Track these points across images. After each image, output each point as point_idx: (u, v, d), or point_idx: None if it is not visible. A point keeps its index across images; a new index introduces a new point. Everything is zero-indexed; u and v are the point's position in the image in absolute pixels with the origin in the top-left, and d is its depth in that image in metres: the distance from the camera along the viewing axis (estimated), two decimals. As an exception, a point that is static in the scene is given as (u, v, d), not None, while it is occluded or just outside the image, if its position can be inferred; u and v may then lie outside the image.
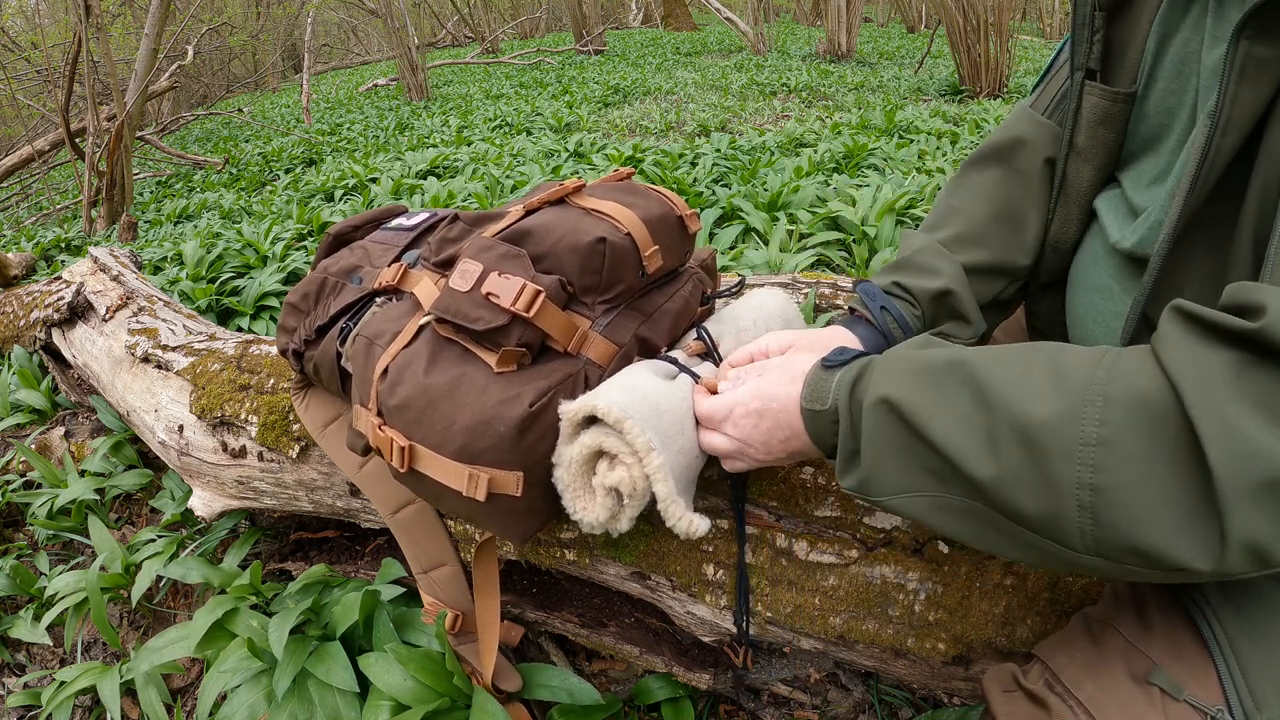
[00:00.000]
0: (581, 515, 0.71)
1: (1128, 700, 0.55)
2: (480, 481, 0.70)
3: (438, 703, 0.98)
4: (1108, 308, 0.71)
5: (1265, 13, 0.50)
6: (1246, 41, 0.51)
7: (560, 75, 9.25)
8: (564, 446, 0.71)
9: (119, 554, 1.45)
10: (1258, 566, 0.44)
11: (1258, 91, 0.52)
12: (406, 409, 0.73)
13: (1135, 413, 0.46)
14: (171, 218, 4.53)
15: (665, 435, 0.68)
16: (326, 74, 17.99)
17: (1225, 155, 0.55)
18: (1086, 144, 0.74)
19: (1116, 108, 0.70)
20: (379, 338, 0.82)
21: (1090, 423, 0.46)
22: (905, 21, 15.58)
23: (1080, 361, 0.50)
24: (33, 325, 1.89)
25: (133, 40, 9.91)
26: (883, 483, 0.57)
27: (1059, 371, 0.50)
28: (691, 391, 0.73)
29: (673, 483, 0.67)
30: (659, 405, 0.68)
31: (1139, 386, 0.47)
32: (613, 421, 0.66)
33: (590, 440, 0.68)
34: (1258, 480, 0.42)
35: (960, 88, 6.49)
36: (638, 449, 0.66)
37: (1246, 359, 0.44)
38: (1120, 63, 0.70)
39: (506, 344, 0.73)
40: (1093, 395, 0.47)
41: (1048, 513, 0.48)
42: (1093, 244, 0.76)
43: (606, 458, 0.69)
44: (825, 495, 0.84)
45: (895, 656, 0.84)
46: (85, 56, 4.95)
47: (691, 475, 0.73)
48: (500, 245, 0.77)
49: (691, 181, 3.15)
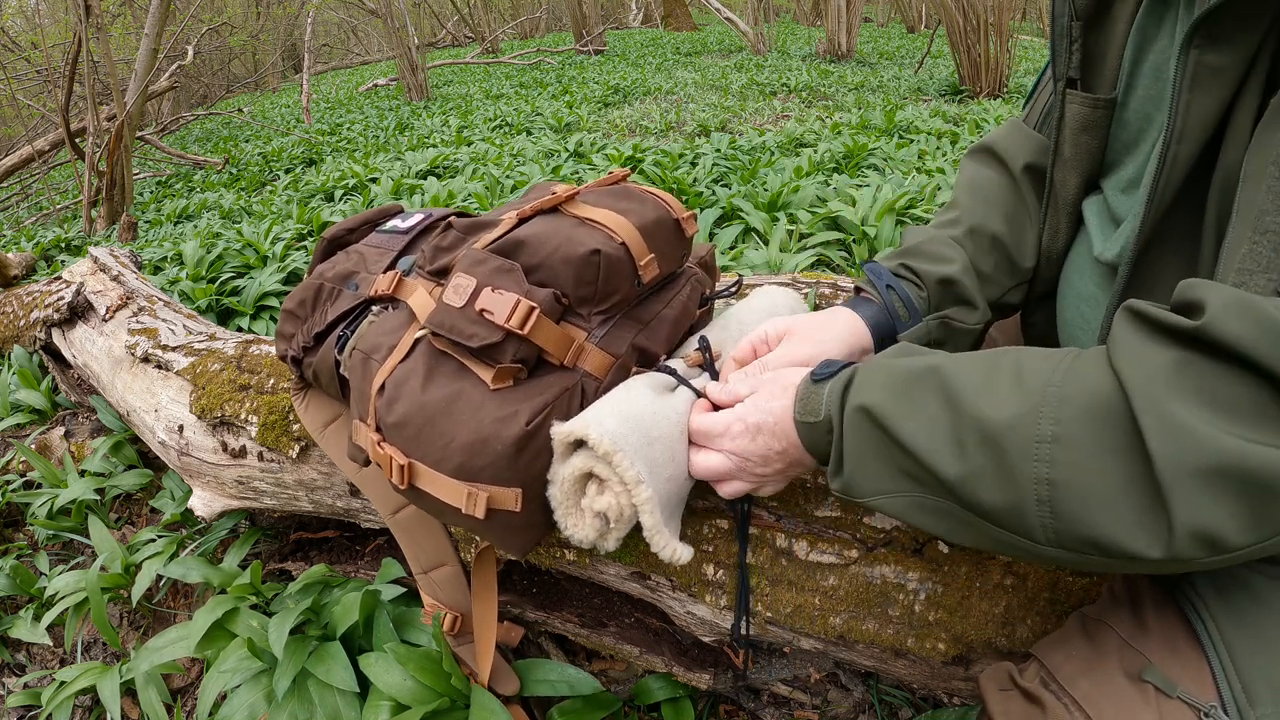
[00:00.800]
0: (571, 533, 0.72)
1: (1121, 697, 0.55)
2: (479, 499, 0.70)
3: (437, 703, 0.98)
4: (1094, 316, 0.72)
5: (1213, 21, 0.51)
6: (1196, 50, 0.52)
7: (560, 75, 9.25)
8: (558, 465, 0.71)
9: (119, 554, 1.45)
10: (1209, 552, 0.45)
11: (1211, 99, 0.53)
12: (404, 426, 0.73)
13: (1086, 410, 0.48)
14: (171, 218, 4.53)
15: (655, 465, 0.68)
16: (326, 74, 17.99)
17: (1184, 163, 0.56)
18: (1071, 152, 0.75)
19: (1098, 114, 0.71)
20: (375, 352, 0.82)
21: (1046, 421, 0.49)
22: (905, 21, 15.58)
23: (1041, 365, 0.52)
24: (33, 325, 1.89)
25: (133, 40, 9.92)
26: (864, 484, 0.59)
27: (1020, 375, 0.52)
28: (688, 409, 0.73)
29: (660, 514, 0.68)
30: (650, 433, 0.68)
31: (1090, 385, 0.49)
32: (602, 454, 0.66)
33: (581, 463, 0.69)
34: (1196, 467, 0.43)
35: (960, 88, 6.49)
36: (626, 481, 0.66)
37: (1187, 356, 0.46)
38: (1100, 70, 0.71)
39: (502, 360, 0.72)
40: (1049, 396, 0.49)
41: (1011, 508, 0.50)
42: (1079, 252, 0.77)
43: (596, 481, 0.70)
44: (825, 495, 0.84)
45: (895, 656, 0.84)
46: (85, 56, 4.95)
47: (679, 499, 0.74)
48: (493, 259, 0.76)
49: (691, 181, 3.15)
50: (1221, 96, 0.53)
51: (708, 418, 0.71)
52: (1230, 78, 0.52)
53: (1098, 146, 0.73)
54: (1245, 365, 0.44)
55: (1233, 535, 0.44)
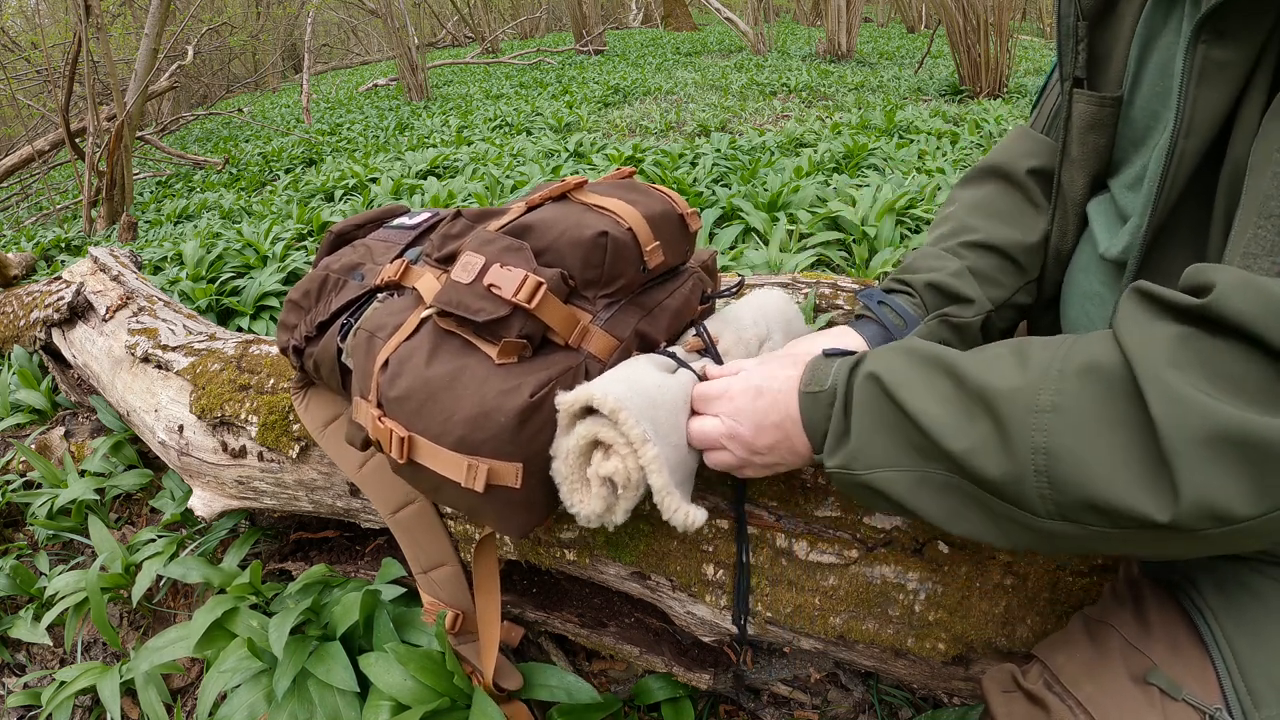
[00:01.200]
0: (578, 509, 0.71)
1: (1126, 700, 0.55)
2: (479, 472, 0.70)
3: (438, 703, 0.98)
4: (1099, 314, 0.72)
5: (1221, 16, 0.51)
6: (1204, 45, 0.52)
7: (560, 75, 9.25)
8: (561, 438, 0.71)
9: (119, 554, 1.45)
10: (1216, 523, 0.45)
11: (1218, 94, 0.54)
12: (407, 400, 0.74)
13: (1087, 380, 0.49)
14: (171, 218, 4.53)
15: (660, 428, 0.67)
16: (326, 74, 17.99)
17: (1191, 158, 0.56)
18: (1079, 151, 0.75)
19: (1105, 112, 0.71)
20: (380, 331, 0.82)
21: (1046, 393, 0.50)
22: (905, 21, 15.58)
23: (1044, 347, 0.54)
24: (33, 325, 1.89)
25: (133, 40, 9.92)
26: (870, 457, 0.59)
27: (1024, 354, 0.54)
28: (690, 386, 0.73)
29: (668, 474, 0.67)
30: (655, 398, 0.68)
31: (1092, 357, 0.50)
32: (608, 411, 0.65)
33: (586, 431, 0.68)
34: (1201, 435, 0.44)
35: (960, 88, 6.49)
36: (632, 440, 0.66)
37: (1192, 331, 0.47)
38: (1106, 69, 0.72)
39: (508, 335, 0.73)
40: (1051, 369, 0.51)
41: (1011, 478, 0.51)
42: (1085, 250, 0.77)
43: (602, 448, 0.69)
44: (825, 495, 0.84)
45: (895, 656, 0.84)
46: (85, 56, 4.95)
47: (688, 470, 0.73)
48: (503, 239, 0.77)
49: (691, 181, 3.15)
50: (1229, 91, 0.53)
51: (710, 383, 0.72)
52: (1237, 73, 0.53)
53: (1105, 145, 0.73)
54: (1250, 341, 0.45)
55: (1239, 505, 0.44)
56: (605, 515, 0.71)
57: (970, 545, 0.79)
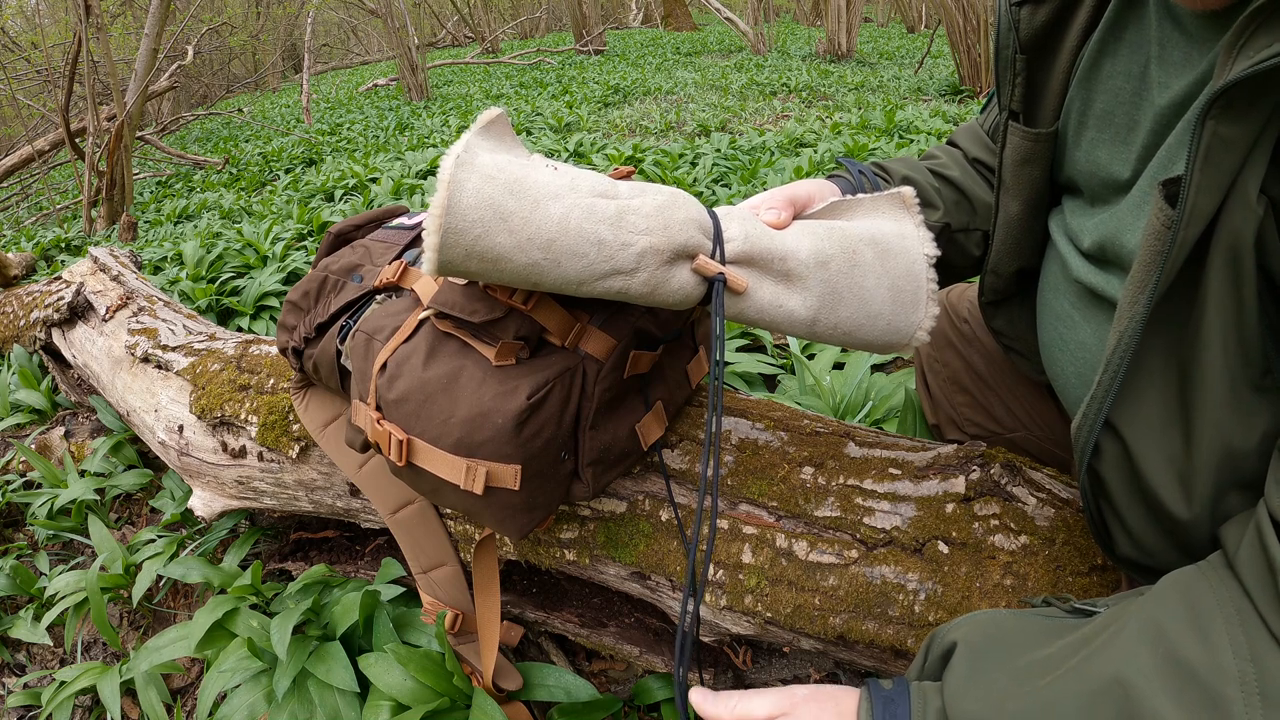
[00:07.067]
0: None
1: None
2: (478, 474, 0.70)
3: (437, 703, 0.98)
4: (1071, 336, 0.71)
5: (1234, 91, 0.47)
6: (1213, 121, 0.48)
7: (560, 75, 9.25)
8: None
9: (119, 554, 1.45)
10: None
11: (1222, 174, 0.49)
12: (405, 402, 0.74)
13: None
14: (171, 218, 4.53)
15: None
16: (326, 74, 17.99)
17: (1187, 247, 0.51)
18: (1012, 181, 0.76)
19: (1038, 147, 0.72)
20: (378, 333, 0.82)
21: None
22: (905, 21, 15.59)
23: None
24: (33, 325, 1.89)
25: (133, 40, 9.92)
26: None
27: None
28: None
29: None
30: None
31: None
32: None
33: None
34: None
35: (960, 88, 6.49)
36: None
37: None
38: (1040, 103, 0.72)
39: (504, 337, 0.73)
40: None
41: None
42: (1052, 270, 0.77)
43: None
44: (825, 495, 0.84)
45: (895, 656, 0.83)
46: (85, 56, 4.96)
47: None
48: None
49: (691, 181, 3.15)
50: (1232, 169, 0.49)
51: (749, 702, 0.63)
52: (1242, 148, 0.49)
53: (1040, 176, 0.74)
54: None
55: None
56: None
57: (971, 545, 0.79)
